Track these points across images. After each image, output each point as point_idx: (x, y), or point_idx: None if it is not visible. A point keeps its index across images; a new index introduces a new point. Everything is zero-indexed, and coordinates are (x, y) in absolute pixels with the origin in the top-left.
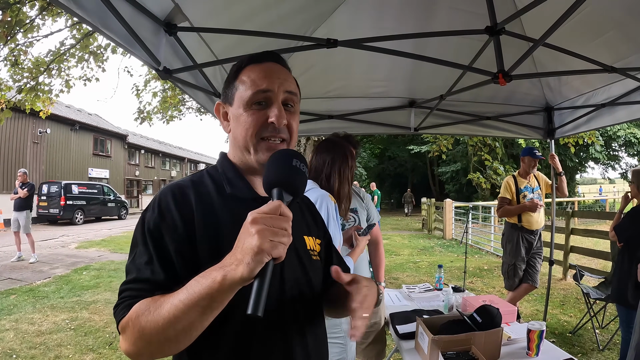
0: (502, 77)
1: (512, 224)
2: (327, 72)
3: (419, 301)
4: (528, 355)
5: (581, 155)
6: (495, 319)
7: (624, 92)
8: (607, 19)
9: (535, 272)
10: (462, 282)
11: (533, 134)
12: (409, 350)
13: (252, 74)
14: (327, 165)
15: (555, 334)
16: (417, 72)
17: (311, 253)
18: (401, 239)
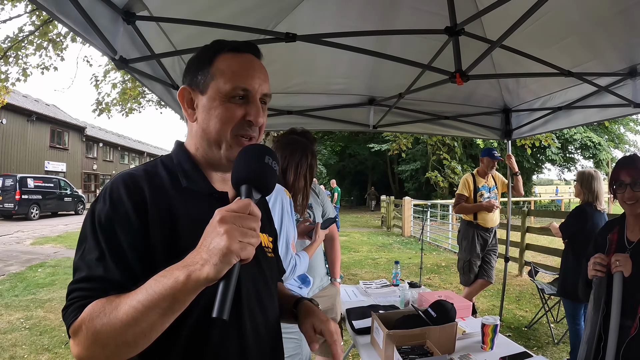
0: (459, 77)
1: (468, 221)
2: (288, 67)
3: (376, 297)
4: (483, 349)
5: (538, 157)
6: (449, 314)
7: (580, 96)
8: (567, 25)
9: (490, 268)
10: (417, 278)
11: (490, 135)
12: (364, 345)
13: (233, 66)
14: (284, 160)
15: (511, 329)
16: (377, 70)
17: (266, 250)
18: (360, 236)
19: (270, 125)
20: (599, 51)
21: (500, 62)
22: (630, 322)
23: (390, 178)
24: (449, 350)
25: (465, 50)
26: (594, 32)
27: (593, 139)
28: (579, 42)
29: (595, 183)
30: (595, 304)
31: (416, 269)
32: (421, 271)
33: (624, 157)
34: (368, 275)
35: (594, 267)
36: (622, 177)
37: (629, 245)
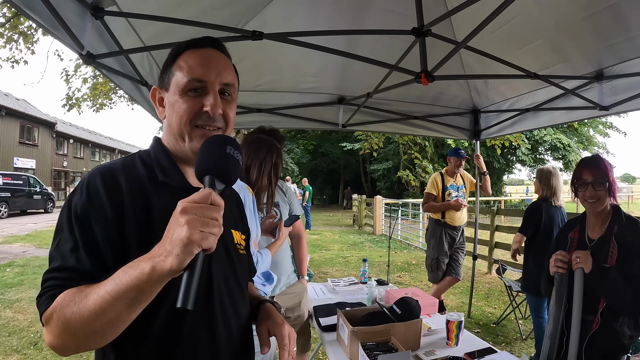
0: (424, 77)
1: (436, 219)
2: (258, 65)
3: (343, 294)
4: (448, 345)
5: (509, 158)
6: (414, 311)
7: (547, 98)
8: (535, 29)
9: (458, 265)
10: (387, 276)
11: (459, 135)
12: (330, 342)
13: (190, 60)
14: (249, 157)
15: (480, 325)
16: (347, 69)
17: (238, 247)
18: (332, 235)
19: (240, 123)
20: (566, 55)
21: (470, 63)
22: (592, 317)
23: (363, 177)
24: (414, 347)
25: (435, 51)
26: (562, 36)
27: (563, 141)
28: (546, 45)
29: (554, 179)
30: (557, 300)
31: (386, 267)
32: (389, 269)
33: (587, 157)
34: (338, 273)
35: (556, 263)
36: (584, 176)
37: (589, 243)
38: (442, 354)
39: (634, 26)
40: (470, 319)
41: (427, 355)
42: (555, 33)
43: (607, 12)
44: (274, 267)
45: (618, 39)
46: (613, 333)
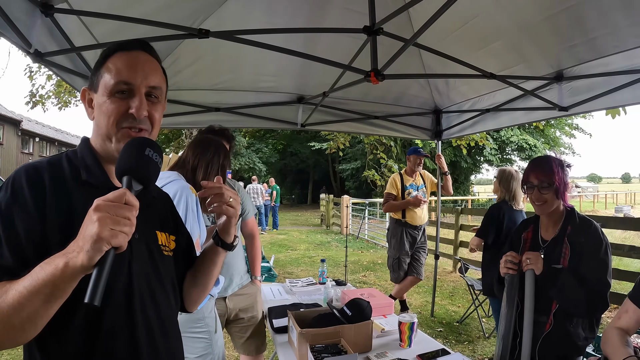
0: (374, 76)
1: (397, 219)
2: (216, 63)
3: (300, 295)
4: (401, 346)
5: (476, 158)
6: (364, 312)
7: (507, 99)
8: (495, 30)
9: (419, 265)
10: (353, 275)
11: (421, 135)
12: (282, 344)
13: (118, 63)
14: (196, 157)
15: (443, 324)
16: (306, 69)
17: (162, 248)
18: (299, 234)
19: (198, 122)
20: (526, 56)
21: (430, 64)
22: (545, 318)
23: (332, 177)
24: (365, 349)
25: (392, 50)
26: (522, 37)
27: (529, 142)
28: (506, 46)
29: (514, 183)
30: (508, 301)
31: (352, 266)
32: (346, 269)
33: (534, 159)
34: (304, 273)
35: (505, 265)
36: (531, 179)
37: (542, 244)
38: (395, 355)
39: (594, 28)
40: (434, 318)
41: (379, 357)
42: (515, 34)
43: (567, 13)
44: (225, 268)
45: (578, 41)
46: (567, 334)
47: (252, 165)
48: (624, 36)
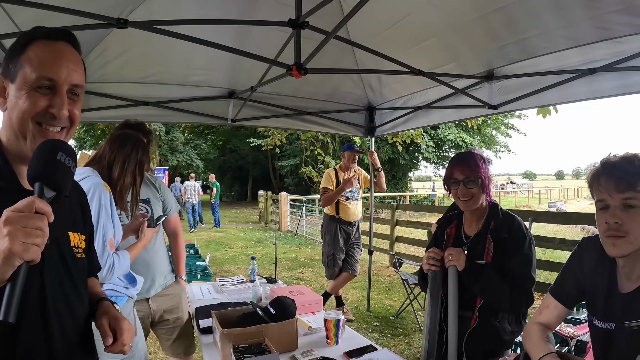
0: (295, 70)
1: (330, 215)
2: (145, 55)
3: (230, 294)
4: (328, 344)
5: (414, 155)
6: (288, 310)
7: (438, 97)
8: (427, 29)
9: (354, 261)
10: (290, 272)
11: (354, 132)
12: (207, 345)
13: (42, 55)
14: (112, 153)
15: (379, 318)
16: (238, 63)
17: (75, 250)
18: (237, 232)
19: (127, 117)
20: (458, 55)
21: (363, 61)
22: (470, 313)
23: (272, 173)
24: (291, 347)
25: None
26: (453, 36)
27: (465, 140)
28: (438, 45)
29: None
30: (432, 298)
31: (290, 263)
32: (276, 266)
33: (457, 155)
34: (240, 271)
35: (428, 261)
36: (456, 174)
37: (466, 239)
38: (321, 353)
39: (525, 28)
40: (370, 313)
41: (304, 356)
42: (446, 32)
43: (498, 13)
44: (146, 268)
45: (508, 41)
46: (492, 329)
47: (189, 161)
48: (554, 37)
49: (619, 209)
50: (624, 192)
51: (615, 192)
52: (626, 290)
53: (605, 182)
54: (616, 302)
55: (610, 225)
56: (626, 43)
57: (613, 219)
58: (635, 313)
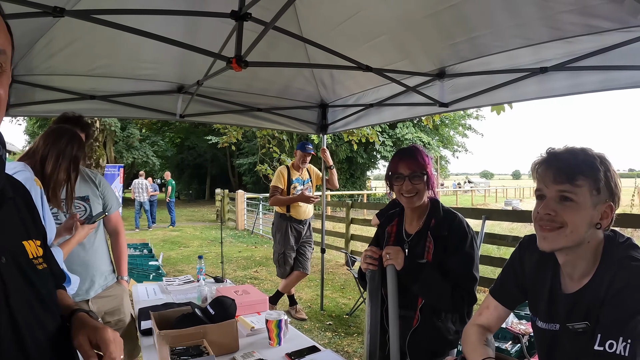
0: (235, 63)
1: (281, 214)
2: (92, 47)
3: (175, 294)
4: (270, 345)
5: (372, 154)
6: (228, 310)
7: (390, 94)
8: (378, 25)
9: (305, 259)
10: (245, 271)
11: (306, 129)
12: (148, 347)
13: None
14: (46, 147)
15: (333, 317)
16: (187, 56)
17: (35, 262)
18: (193, 231)
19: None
20: (410, 52)
21: (315, 56)
22: (412, 313)
23: (230, 171)
24: (232, 349)
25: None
26: (405, 33)
27: (423, 139)
28: (390, 42)
29: None
30: (371, 298)
31: (245, 262)
32: (222, 265)
33: (402, 150)
34: (194, 271)
35: (365, 260)
36: (401, 169)
37: (407, 237)
38: (262, 355)
39: (476, 27)
40: (323, 312)
41: (244, 358)
42: (398, 30)
43: (450, 11)
44: (84, 268)
45: (460, 39)
46: (435, 329)
47: (145, 159)
48: (506, 36)
49: (554, 200)
50: (560, 184)
51: (552, 183)
52: (569, 290)
53: (543, 172)
54: (559, 303)
55: (541, 216)
56: (578, 43)
57: (545, 210)
58: (578, 314)
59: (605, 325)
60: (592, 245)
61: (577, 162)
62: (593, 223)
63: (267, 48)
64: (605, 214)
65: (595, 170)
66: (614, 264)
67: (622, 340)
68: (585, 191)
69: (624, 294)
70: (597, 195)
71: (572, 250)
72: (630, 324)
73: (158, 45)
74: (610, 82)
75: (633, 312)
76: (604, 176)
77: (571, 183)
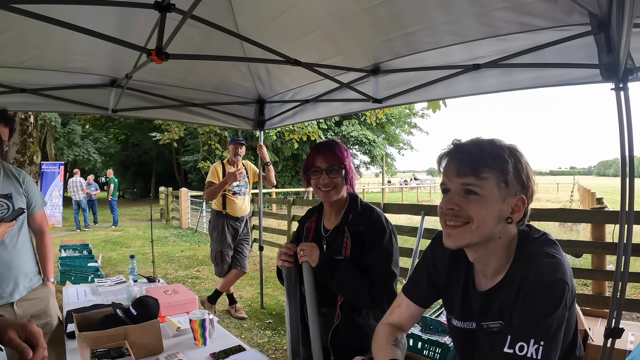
0: (155, 55)
1: (217, 211)
2: (22, 38)
3: (106, 295)
4: (196, 345)
5: None
6: (150, 310)
7: (325, 90)
8: (312, 20)
9: (243, 257)
10: (187, 271)
11: (243, 125)
12: (72, 350)
13: None
14: None
15: (273, 315)
16: (119, 49)
17: None
18: (136, 230)
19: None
20: (344, 48)
21: (252, 51)
22: (332, 310)
23: (175, 169)
24: (156, 350)
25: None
26: (340, 28)
27: (369, 137)
28: (324, 37)
29: None
30: (289, 295)
31: (187, 261)
32: (154, 264)
33: (321, 143)
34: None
35: (280, 257)
36: (318, 162)
37: (325, 233)
38: (187, 356)
39: (409, 23)
40: (264, 310)
41: (168, 359)
42: (332, 25)
43: (384, 6)
44: (7, 270)
45: (394, 34)
46: (357, 326)
47: (87, 156)
48: (439, 33)
49: (457, 194)
50: (463, 177)
51: (455, 176)
52: (483, 288)
53: (447, 165)
54: (473, 302)
55: (445, 211)
56: (511, 41)
57: (448, 204)
58: (492, 313)
59: (516, 326)
60: (504, 241)
61: (482, 154)
62: (503, 217)
63: (203, 41)
64: (517, 207)
65: (502, 161)
66: (527, 260)
67: (534, 342)
68: (491, 184)
69: (536, 293)
70: (506, 188)
71: (481, 247)
72: (543, 325)
73: (88, 36)
74: (543, 79)
75: (546, 312)
76: (514, 168)
77: (475, 176)
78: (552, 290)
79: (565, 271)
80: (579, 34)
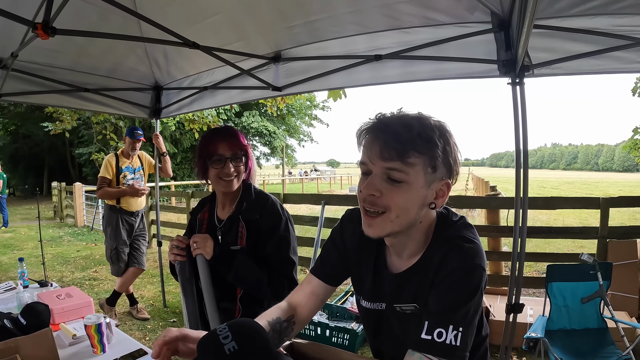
0: (41, 29)
1: (111, 205)
2: None
3: None
4: (94, 353)
5: None
6: (41, 318)
7: (225, 77)
8: (214, 3)
9: (140, 254)
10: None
11: (138, 113)
12: None
13: None
14: None
15: (177, 313)
16: (7, 22)
17: None
18: (28, 231)
19: None
20: (246, 33)
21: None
22: (232, 304)
23: (69, 162)
24: None
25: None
26: (241, 13)
27: (269, 128)
28: (225, 21)
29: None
30: (184, 290)
31: (83, 262)
32: (44, 266)
33: (218, 128)
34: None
35: (172, 251)
36: (221, 150)
37: (219, 224)
38: None
39: (314, 11)
40: (167, 309)
41: None
42: (234, 9)
43: None
44: None
45: (298, 22)
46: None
47: None
48: (343, 22)
49: (379, 178)
50: (388, 161)
51: (378, 159)
52: (396, 270)
53: (369, 143)
54: (386, 283)
55: (364, 196)
56: (413, 34)
57: (369, 189)
58: (406, 295)
59: (433, 312)
60: (424, 225)
61: (412, 136)
62: (426, 203)
63: (98, 20)
64: (441, 192)
65: (432, 145)
66: (445, 243)
67: (453, 328)
68: (418, 170)
69: (455, 278)
70: (433, 173)
71: (401, 234)
72: (461, 311)
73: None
74: (442, 71)
75: (464, 298)
76: (442, 151)
77: (402, 161)
78: (471, 276)
79: (482, 257)
80: (479, 31)
